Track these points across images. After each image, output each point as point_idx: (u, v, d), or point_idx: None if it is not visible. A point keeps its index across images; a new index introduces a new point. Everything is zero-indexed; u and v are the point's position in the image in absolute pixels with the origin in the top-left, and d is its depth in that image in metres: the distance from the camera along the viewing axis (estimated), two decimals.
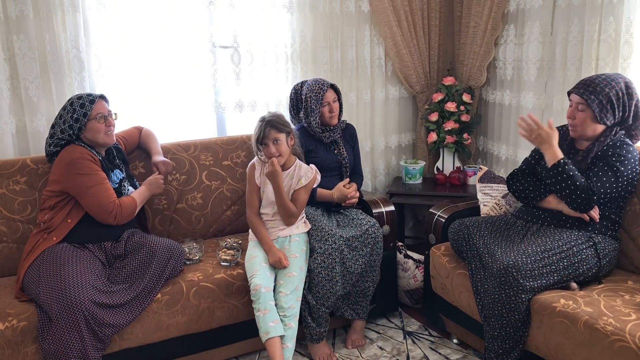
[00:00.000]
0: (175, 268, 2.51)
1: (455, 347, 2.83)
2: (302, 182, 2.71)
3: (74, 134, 2.48)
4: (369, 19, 3.64)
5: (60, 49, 2.85)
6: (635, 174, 2.44)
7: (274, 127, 2.63)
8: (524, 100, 3.40)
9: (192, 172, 3.05)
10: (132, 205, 2.55)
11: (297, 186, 2.71)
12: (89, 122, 2.49)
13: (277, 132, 2.64)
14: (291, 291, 2.53)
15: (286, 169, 2.72)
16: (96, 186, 2.44)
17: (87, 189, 2.43)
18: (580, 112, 2.44)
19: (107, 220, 2.47)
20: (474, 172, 3.69)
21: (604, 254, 2.38)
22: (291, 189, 2.72)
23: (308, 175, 2.72)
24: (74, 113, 2.47)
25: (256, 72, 3.37)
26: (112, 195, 2.48)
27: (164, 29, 3.11)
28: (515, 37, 3.43)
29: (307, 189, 2.73)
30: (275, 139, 2.64)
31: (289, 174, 2.72)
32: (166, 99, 3.20)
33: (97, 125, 2.50)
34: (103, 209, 2.45)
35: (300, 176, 2.72)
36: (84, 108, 2.48)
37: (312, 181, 2.74)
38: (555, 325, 2.15)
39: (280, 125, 2.65)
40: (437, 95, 3.76)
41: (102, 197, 2.45)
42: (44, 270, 2.31)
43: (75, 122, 2.47)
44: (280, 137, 2.65)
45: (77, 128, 2.48)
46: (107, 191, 2.47)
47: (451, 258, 2.74)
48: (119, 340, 2.38)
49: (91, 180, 2.44)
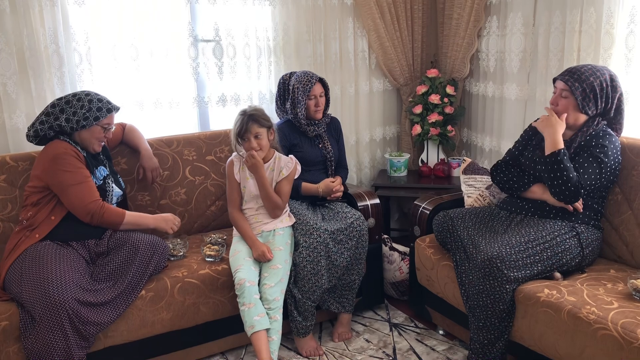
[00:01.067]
0: (159, 264, 2.50)
1: (441, 339, 2.84)
2: (283, 173, 2.70)
3: (75, 127, 2.44)
4: (352, 12, 3.63)
5: (39, 45, 2.80)
6: (618, 164, 2.47)
7: (256, 121, 2.61)
8: (507, 92, 3.42)
9: (175, 168, 3.02)
10: (118, 216, 2.48)
11: (278, 178, 2.70)
12: (94, 126, 2.46)
13: (259, 126, 2.62)
14: (275, 283, 2.52)
15: (266, 162, 2.71)
16: (79, 184, 2.40)
17: (69, 187, 2.39)
18: (563, 99, 2.46)
19: (85, 218, 2.42)
20: (458, 164, 3.71)
21: (586, 243, 2.40)
22: (273, 181, 2.71)
23: (289, 166, 2.72)
24: (88, 111, 2.42)
25: (239, 65, 3.35)
26: (96, 195, 2.44)
27: (145, 23, 3.07)
28: (498, 28, 3.44)
29: (289, 179, 2.72)
30: (256, 133, 2.62)
31: (269, 167, 2.71)
32: (148, 94, 3.16)
33: (98, 132, 2.48)
34: (85, 208, 2.40)
35: (280, 167, 2.71)
36: (99, 112, 2.44)
37: (293, 171, 2.74)
38: (540, 315, 2.17)
39: (262, 119, 2.63)
40: (421, 88, 3.76)
41: (84, 195, 2.41)
42: (26, 268, 2.28)
43: (84, 119, 2.42)
44: (261, 132, 2.63)
45: (82, 125, 2.43)
46: (90, 189, 2.43)
47: (436, 250, 2.74)
48: (104, 338, 2.36)
49: (74, 178, 2.40)
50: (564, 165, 2.36)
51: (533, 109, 3.22)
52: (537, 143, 2.62)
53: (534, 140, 2.65)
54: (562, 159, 2.37)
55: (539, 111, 3.09)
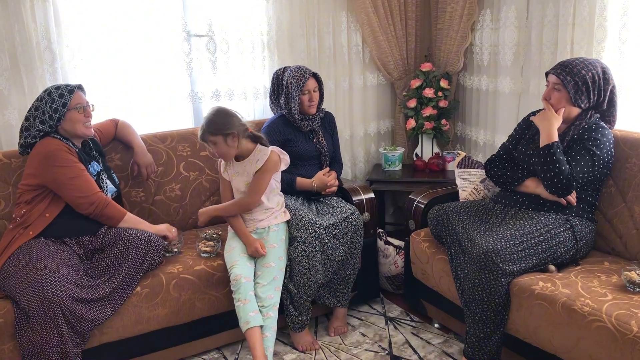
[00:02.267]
0: (154, 260, 2.49)
1: (437, 332, 2.85)
2: (257, 165, 2.60)
3: (53, 124, 2.44)
4: (345, 5, 3.62)
5: (31, 40, 2.78)
6: (611, 157, 2.48)
7: (207, 131, 2.52)
8: (501, 85, 3.42)
9: (169, 164, 3.01)
10: (118, 213, 2.49)
11: (254, 171, 2.61)
12: (68, 113, 2.45)
13: (210, 135, 2.52)
14: (269, 282, 2.52)
15: (244, 159, 2.64)
16: (78, 177, 2.41)
17: (68, 181, 2.39)
18: (556, 92, 2.47)
19: (87, 209, 2.42)
20: (452, 157, 3.71)
21: (580, 236, 2.41)
22: (251, 175, 2.63)
23: (263, 159, 2.60)
24: (53, 103, 2.42)
25: (232, 60, 3.33)
26: (96, 187, 2.46)
27: (137, 18, 3.06)
28: (492, 21, 3.43)
29: (263, 170, 2.59)
30: (211, 141, 2.54)
31: (248, 161, 2.63)
32: (141, 89, 3.15)
33: (77, 115, 2.46)
34: (88, 199, 2.41)
35: (257, 159, 2.62)
36: (62, 98, 2.43)
37: (269, 163, 2.61)
38: (534, 307, 2.18)
39: (213, 129, 2.51)
40: (415, 82, 3.76)
41: (86, 187, 2.42)
42: (20, 266, 2.28)
43: (54, 112, 2.42)
44: (216, 140, 2.52)
45: (57, 119, 2.43)
46: (89, 182, 2.44)
47: (431, 243, 2.75)
48: (99, 335, 2.35)
49: (71, 171, 2.41)
50: (557, 158, 2.37)
51: (527, 103, 3.23)
52: (530, 137, 2.63)
53: (527, 134, 2.66)
54: (555, 151, 2.38)
55: (533, 104, 3.10)
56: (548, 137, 2.43)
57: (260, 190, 2.62)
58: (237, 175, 2.66)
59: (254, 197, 2.63)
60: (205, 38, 3.25)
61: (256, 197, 2.63)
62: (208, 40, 3.25)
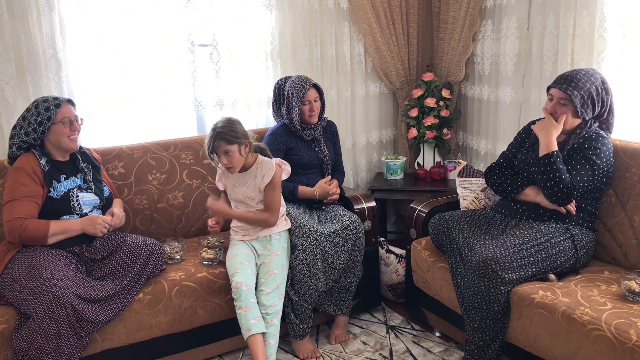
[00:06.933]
0: (156, 267, 2.50)
1: (438, 340, 2.86)
2: (264, 180, 2.62)
3: (37, 137, 2.41)
4: (348, 16, 3.65)
5: (37, 49, 2.82)
6: (611, 166, 2.49)
7: (223, 139, 2.51)
8: (502, 95, 3.44)
9: (172, 171, 3.04)
10: (40, 229, 2.33)
11: (262, 185, 2.63)
12: (53, 126, 2.41)
13: (227, 144, 2.51)
14: (272, 289, 2.53)
15: (247, 169, 2.65)
16: (11, 202, 2.34)
17: (4, 203, 2.36)
18: (561, 107, 2.47)
19: (9, 237, 2.36)
20: (454, 166, 3.73)
21: (581, 245, 2.42)
22: (256, 187, 2.65)
23: (269, 173, 2.61)
24: (38, 116, 2.40)
25: (236, 70, 3.36)
26: (22, 213, 2.33)
27: (142, 28, 3.09)
28: (493, 32, 3.46)
29: (273, 185, 2.62)
30: (225, 151, 2.53)
31: (251, 173, 2.65)
32: (146, 98, 3.18)
33: (62, 129, 2.42)
34: (6, 225, 2.34)
35: (262, 174, 2.63)
36: (48, 112, 2.40)
37: (277, 176, 2.64)
38: (534, 316, 2.19)
39: (230, 137, 2.50)
40: (417, 91, 3.78)
41: (10, 212, 2.34)
42: (17, 272, 2.26)
43: (39, 125, 2.39)
44: (231, 149, 2.52)
45: (41, 132, 2.40)
46: (17, 208, 2.33)
47: (432, 252, 2.76)
48: (101, 341, 2.37)
49: (11, 194, 2.35)
50: (557, 167, 2.38)
51: (528, 112, 3.25)
52: (530, 145, 2.64)
53: (527, 142, 2.67)
54: (555, 160, 2.39)
55: (534, 114, 3.12)
56: (547, 146, 2.44)
57: (278, 206, 2.68)
58: (237, 185, 2.68)
59: (276, 214, 2.67)
60: (209, 48, 3.28)
61: (277, 214, 2.67)
62: (212, 50, 3.28)
